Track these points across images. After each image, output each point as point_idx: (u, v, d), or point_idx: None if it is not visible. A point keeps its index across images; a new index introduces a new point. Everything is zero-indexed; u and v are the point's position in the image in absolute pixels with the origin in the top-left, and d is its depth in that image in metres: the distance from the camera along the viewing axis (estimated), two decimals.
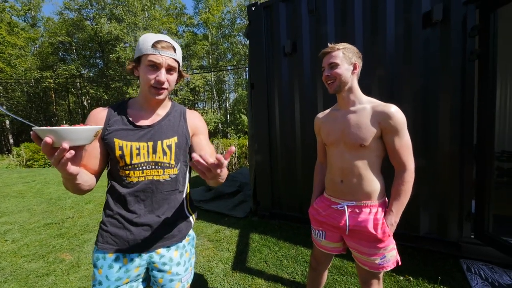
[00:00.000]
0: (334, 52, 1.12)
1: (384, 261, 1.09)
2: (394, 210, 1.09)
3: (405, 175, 1.07)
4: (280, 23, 2.75)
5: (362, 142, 1.08)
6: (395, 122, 1.05)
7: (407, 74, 2.16)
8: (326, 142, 1.25)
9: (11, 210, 3.96)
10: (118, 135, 0.88)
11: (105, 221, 0.92)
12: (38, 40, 22.88)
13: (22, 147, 12.92)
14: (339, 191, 1.19)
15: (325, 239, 1.26)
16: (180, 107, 1.04)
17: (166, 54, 0.85)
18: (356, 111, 1.14)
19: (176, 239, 0.96)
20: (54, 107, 25.35)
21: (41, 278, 2.10)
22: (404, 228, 2.31)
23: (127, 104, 0.96)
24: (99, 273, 0.89)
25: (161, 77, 0.85)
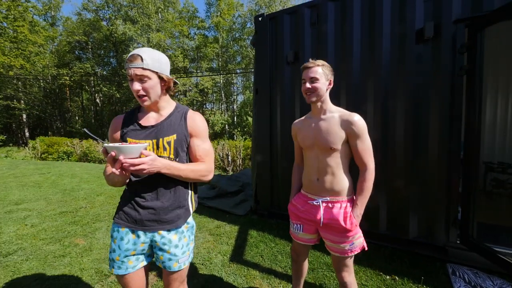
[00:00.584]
0: (315, 68, 1.29)
1: (353, 247, 1.30)
2: (359, 204, 1.29)
3: (366, 173, 1.28)
4: (284, 33, 2.94)
5: (332, 145, 1.28)
6: (358, 128, 1.25)
7: (400, 86, 2.31)
8: (303, 146, 1.45)
9: (30, 198, 4.27)
10: (130, 135, 1.09)
11: (122, 201, 1.14)
12: (57, 39, 23.83)
13: (38, 140, 13.48)
14: (315, 188, 1.38)
15: (303, 232, 1.44)
16: (183, 108, 1.18)
17: (133, 66, 0.97)
18: (326, 119, 1.33)
19: (175, 224, 1.12)
20: (69, 103, 26.26)
21: (58, 259, 2.33)
22: (394, 232, 2.44)
23: (139, 109, 1.17)
24: (114, 242, 1.10)
25: (134, 87, 1.00)
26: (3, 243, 2.62)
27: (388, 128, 2.39)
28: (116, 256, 1.08)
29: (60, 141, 13.10)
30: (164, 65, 1.06)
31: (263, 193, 3.30)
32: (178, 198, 1.13)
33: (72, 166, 7.98)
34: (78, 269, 2.17)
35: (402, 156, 2.35)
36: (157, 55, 1.03)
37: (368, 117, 2.47)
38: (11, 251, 2.45)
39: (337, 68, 2.61)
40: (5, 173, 6.56)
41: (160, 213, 1.09)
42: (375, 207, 2.49)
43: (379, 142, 2.42)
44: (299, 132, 1.47)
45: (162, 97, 1.11)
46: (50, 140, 13.21)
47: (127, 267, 1.09)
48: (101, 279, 2.04)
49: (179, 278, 1.18)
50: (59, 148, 12.54)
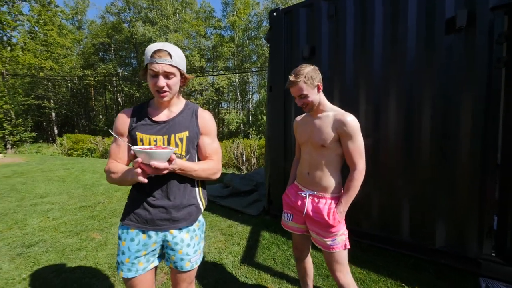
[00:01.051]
0: (298, 85, 1.28)
1: (334, 243, 1.32)
2: (343, 201, 1.31)
3: (355, 173, 1.28)
4: (300, 28, 2.82)
5: (323, 143, 1.32)
6: (349, 129, 1.25)
7: (427, 82, 2.12)
8: (299, 141, 1.52)
9: (53, 192, 4.49)
10: (139, 129, 1.05)
11: (129, 202, 1.10)
12: (82, 41, 25.17)
13: (65, 137, 14.32)
14: (305, 181, 1.44)
15: (292, 221, 1.50)
16: (193, 105, 1.18)
17: (161, 62, 0.96)
18: (322, 117, 1.36)
19: (187, 223, 1.10)
20: (93, 102, 27.67)
21: (75, 252, 2.39)
22: (418, 240, 2.26)
23: (148, 104, 1.13)
24: (122, 244, 1.06)
25: (159, 83, 0.98)
26: (26, 234, 2.76)
27: (413, 126, 2.21)
28: (126, 258, 1.04)
29: (85, 138, 13.82)
30: (184, 62, 1.07)
31: (276, 193, 3.21)
32: (188, 196, 1.10)
33: (94, 162, 8.35)
34: (92, 263, 2.21)
35: (428, 157, 2.15)
36: (181, 53, 1.05)
37: (390, 116, 2.30)
38: (33, 243, 2.57)
39: (356, 63, 2.47)
40: (34, 167, 6.99)
41: (171, 212, 1.06)
42: (396, 212, 2.32)
43: (402, 141, 2.25)
44: (298, 128, 1.54)
45: (176, 94, 1.11)
46: (75, 137, 13.98)
47: (137, 269, 1.05)
48: (114, 274, 2.06)
49: (188, 278, 1.15)
50: (84, 145, 13.23)
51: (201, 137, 1.14)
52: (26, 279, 1.98)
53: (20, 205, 3.76)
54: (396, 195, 2.32)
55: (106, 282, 1.95)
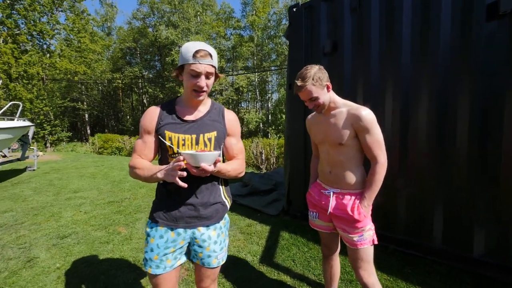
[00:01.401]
0: (306, 89, 1.22)
1: (362, 238, 1.29)
2: (367, 196, 1.28)
3: (376, 167, 1.24)
4: (321, 22, 2.72)
5: (340, 141, 1.28)
6: (365, 122, 1.21)
7: (464, 76, 1.93)
8: (315, 141, 1.49)
9: (85, 187, 4.81)
10: (168, 128, 1.05)
11: (157, 200, 1.12)
12: (111, 47, 26.75)
13: (96, 137, 15.35)
14: (328, 179, 1.41)
15: (318, 219, 1.47)
16: (219, 106, 1.18)
17: (204, 62, 0.97)
18: (335, 114, 1.32)
19: (214, 220, 1.11)
20: (121, 103, 29.33)
21: (103, 245, 2.53)
22: (453, 247, 2.07)
23: (175, 102, 1.13)
24: (151, 241, 1.07)
25: (201, 83, 0.99)
26: (61, 227, 2.97)
27: (448, 126, 2.03)
28: (154, 255, 1.05)
29: (113, 137, 14.70)
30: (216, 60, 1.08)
31: (296, 193, 3.15)
32: (214, 194, 1.11)
33: (122, 160, 8.83)
34: (118, 256, 2.32)
35: (465, 156, 1.96)
36: (215, 53, 1.05)
37: (421, 115, 2.13)
38: (66, 234, 2.76)
39: (382, 58, 2.32)
40: (69, 164, 7.57)
41: (199, 209, 1.07)
42: (428, 215, 2.15)
43: (435, 141, 2.08)
44: (311, 128, 1.51)
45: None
46: (105, 137, 14.92)
47: (165, 266, 1.06)
48: (138, 268, 2.14)
49: (212, 275, 1.16)
50: (113, 144, 14.07)
51: (228, 138, 1.15)
52: (60, 268, 2.13)
53: (56, 199, 4.08)
54: (427, 198, 2.16)
55: (130, 275, 2.03)
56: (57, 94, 19.10)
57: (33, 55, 15.48)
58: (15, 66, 14.61)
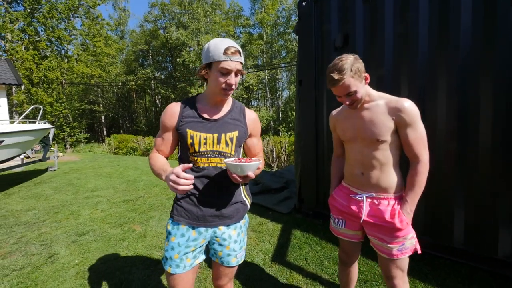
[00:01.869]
0: (344, 82, 1.07)
1: (403, 248, 1.14)
2: (409, 200, 1.13)
3: (419, 166, 1.10)
4: (331, 16, 2.65)
5: (378, 137, 1.13)
6: (408, 116, 1.07)
7: (487, 70, 1.81)
8: (344, 139, 1.31)
9: (102, 186, 4.98)
10: (190, 126, 1.03)
11: (179, 198, 1.10)
12: (125, 50, 27.53)
13: (112, 137, 15.85)
14: (359, 182, 1.24)
15: (345, 227, 1.33)
16: (240, 104, 1.17)
17: (235, 59, 0.94)
18: (370, 107, 1.17)
19: (235, 219, 1.11)
20: (135, 105, 30.15)
21: (119, 242, 2.60)
22: (475, 247, 1.96)
23: (196, 99, 1.11)
24: (172, 240, 1.06)
25: (232, 81, 0.97)
26: (80, 224, 3.09)
27: (468, 124, 1.91)
28: (175, 254, 1.04)
29: (128, 138, 15.13)
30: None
31: (308, 191, 3.10)
32: (234, 193, 1.11)
33: (136, 160, 9.08)
34: (133, 253, 2.38)
35: (488, 153, 1.85)
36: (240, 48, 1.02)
37: (439, 113, 2.03)
38: (84, 232, 2.86)
39: (397, 51, 2.22)
40: (87, 164, 7.86)
41: (221, 208, 1.07)
42: (448, 213, 2.04)
43: (454, 139, 1.97)
44: (338, 124, 1.34)
45: None
46: (121, 137, 15.39)
47: (185, 265, 1.05)
48: (152, 265, 2.18)
49: (230, 274, 1.17)
50: (127, 144, 14.49)
51: (249, 138, 1.16)
52: (79, 264, 2.21)
53: (75, 198, 4.25)
54: (448, 197, 2.05)
55: (145, 272, 2.07)
56: (75, 97, 19.94)
57: (52, 60, 16.20)
58: (36, 71, 15.36)
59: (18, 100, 14.76)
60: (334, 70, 1.08)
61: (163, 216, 3.31)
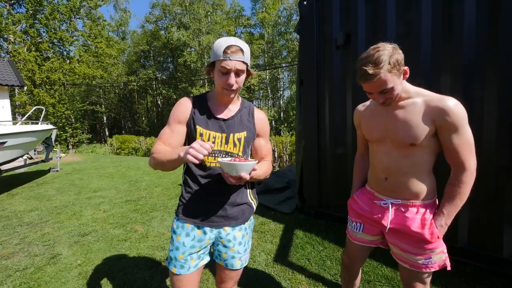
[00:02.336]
0: (380, 78, 0.89)
1: (429, 262, 1.02)
2: (445, 212, 0.99)
3: (463, 176, 0.95)
4: (333, 14, 2.63)
5: (413, 141, 0.98)
6: (453, 118, 0.91)
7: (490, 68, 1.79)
8: (369, 139, 1.16)
9: (104, 187, 5.00)
10: (200, 123, 1.02)
11: (185, 196, 1.07)
12: (126, 50, 27.62)
13: (114, 138, 15.93)
14: (383, 188, 1.12)
15: (363, 232, 1.21)
16: (249, 104, 1.14)
17: (235, 59, 0.91)
18: (405, 106, 1.00)
19: (240, 221, 1.09)
20: (137, 106, 30.25)
21: (121, 242, 2.60)
22: (480, 247, 1.94)
23: (206, 97, 1.09)
24: (177, 239, 1.04)
25: (231, 81, 0.94)
26: (82, 225, 3.10)
27: (472, 118, 1.89)
28: (180, 254, 1.02)
29: (130, 138, 15.19)
30: (249, 56, 1.00)
31: (310, 191, 3.08)
32: (241, 194, 1.09)
33: (138, 160, 9.10)
34: (135, 253, 2.38)
35: (494, 152, 1.83)
36: (248, 48, 0.98)
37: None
38: (87, 232, 2.87)
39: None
40: (89, 165, 7.89)
41: (227, 209, 1.05)
42: None
43: None
44: (364, 121, 1.18)
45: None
46: (122, 138, 15.46)
47: (190, 266, 1.03)
48: (154, 265, 2.18)
49: (235, 277, 1.15)
50: (129, 145, 14.56)
51: (257, 139, 1.13)
52: (81, 264, 2.21)
53: (78, 198, 4.26)
54: None
55: (147, 272, 2.07)
56: (77, 98, 20.03)
57: (54, 61, 16.29)
58: (38, 72, 15.46)
59: (20, 101, 14.87)
60: (368, 63, 0.89)
61: (165, 216, 3.32)
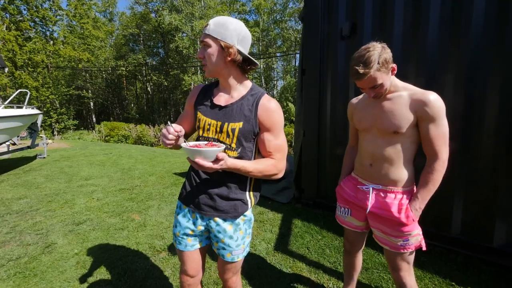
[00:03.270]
0: (370, 76, 1.01)
1: (406, 243, 1.14)
2: (419, 197, 1.10)
3: (436, 164, 1.07)
4: (339, 2, 2.56)
5: (396, 129, 1.09)
6: (432, 110, 1.03)
7: (497, 63, 1.80)
8: (359, 128, 1.28)
9: (96, 175, 4.86)
10: (200, 109, 1.04)
11: (186, 180, 1.13)
12: (114, 33, 26.36)
13: (102, 125, 15.45)
14: (367, 174, 1.24)
15: (350, 216, 1.33)
16: (258, 91, 1.00)
17: (204, 32, 0.94)
18: (392, 98, 1.12)
19: (230, 216, 1.03)
20: (125, 92, 29.28)
21: (118, 231, 2.56)
22: (472, 236, 2.03)
23: (216, 84, 1.08)
24: (177, 217, 1.13)
25: (198, 54, 0.97)
26: (76, 213, 3.02)
27: (473, 115, 1.93)
28: (177, 231, 1.11)
29: (119, 125, 14.79)
30: (230, 32, 0.90)
31: (309, 181, 3.11)
32: (235, 190, 1.03)
33: (129, 148, 8.89)
34: (134, 242, 2.35)
35: (488, 144, 1.88)
36: (223, 21, 0.92)
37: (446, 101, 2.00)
38: (81, 221, 2.80)
39: (408, 40, 2.18)
40: (78, 152, 7.64)
41: (216, 200, 1.02)
42: (446, 205, 2.09)
43: (457, 128, 1.98)
44: (355, 112, 1.31)
45: (232, 74, 0.98)
46: (111, 125, 15.02)
47: (186, 244, 1.10)
48: (154, 254, 2.16)
49: (232, 269, 1.14)
50: (119, 132, 14.18)
51: (262, 133, 0.99)
52: (78, 254, 2.16)
53: (69, 186, 4.13)
54: (446, 188, 2.09)
55: (148, 262, 2.05)
56: (62, 82, 19.12)
57: (37, 42, 15.36)
58: (20, 53, 14.56)
59: (1, 83, 14.03)
60: (359, 63, 1.01)
61: (162, 205, 3.28)
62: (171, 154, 7.59)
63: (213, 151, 0.82)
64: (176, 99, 26.05)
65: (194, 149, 0.83)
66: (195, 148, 0.84)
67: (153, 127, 14.17)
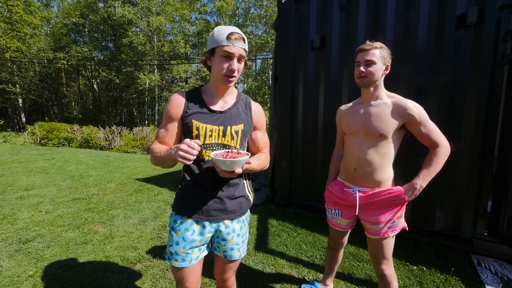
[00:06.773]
0: (372, 50, 1.20)
1: (393, 225, 1.26)
2: (421, 176, 1.20)
3: (439, 149, 1.18)
4: (310, 17, 2.80)
5: (382, 132, 1.20)
6: (416, 113, 1.17)
7: (436, 74, 2.22)
8: (346, 131, 1.38)
9: (39, 184, 4.19)
10: (196, 117, 1.01)
11: (182, 192, 1.07)
12: (52, 20, 22.96)
13: (36, 125, 13.24)
14: (352, 177, 1.33)
15: (341, 217, 1.42)
16: (245, 97, 1.15)
17: (238, 45, 0.94)
18: (378, 105, 1.25)
19: (238, 213, 1.10)
20: (65, 88, 25.65)
21: (80, 246, 2.28)
22: (419, 223, 2.43)
23: (200, 90, 1.08)
24: (176, 234, 1.04)
25: (233, 66, 0.95)
26: (20, 230, 2.57)
27: None
28: (181, 248, 1.03)
29: (60, 127, 12.89)
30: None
31: (281, 182, 3.26)
32: (238, 187, 1.09)
33: (76, 153, 7.86)
34: (102, 256, 2.13)
35: None
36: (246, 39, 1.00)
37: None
38: (30, 238, 2.40)
39: None
40: (8, 158, 6.44)
41: (225, 202, 1.05)
42: None
43: None
44: (344, 118, 1.41)
45: None
46: (49, 126, 12.98)
47: (191, 258, 1.05)
48: (129, 266, 2.00)
49: (234, 267, 1.17)
50: (59, 134, 12.33)
51: (254, 131, 1.13)
52: (33, 276, 1.86)
53: (4, 198, 3.47)
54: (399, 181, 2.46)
55: (123, 275, 1.89)
56: None
57: None
58: None
59: None
60: (368, 42, 1.23)
61: (129, 214, 3.02)
62: (128, 159, 6.98)
63: (245, 160, 0.90)
64: (128, 99, 23.93)
65: (235, 160, 0.86)
66: (235, 159, 0.87)
67: (104, 129, 12.72)
